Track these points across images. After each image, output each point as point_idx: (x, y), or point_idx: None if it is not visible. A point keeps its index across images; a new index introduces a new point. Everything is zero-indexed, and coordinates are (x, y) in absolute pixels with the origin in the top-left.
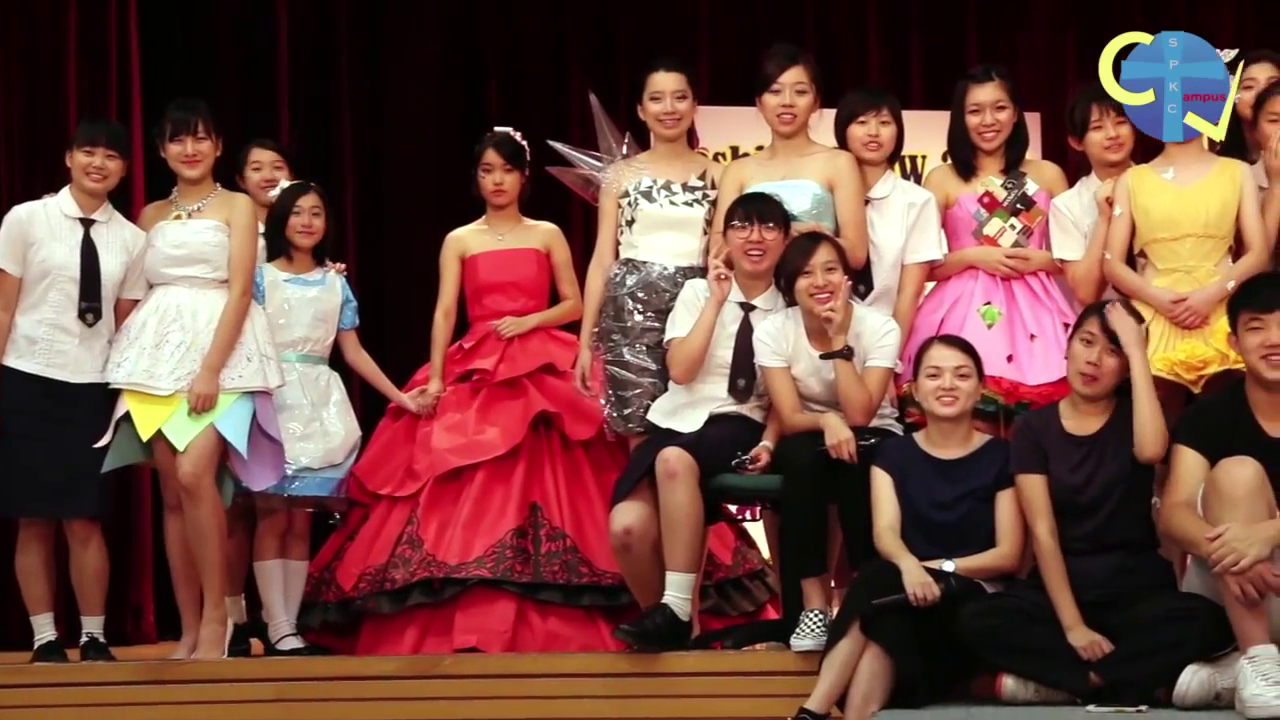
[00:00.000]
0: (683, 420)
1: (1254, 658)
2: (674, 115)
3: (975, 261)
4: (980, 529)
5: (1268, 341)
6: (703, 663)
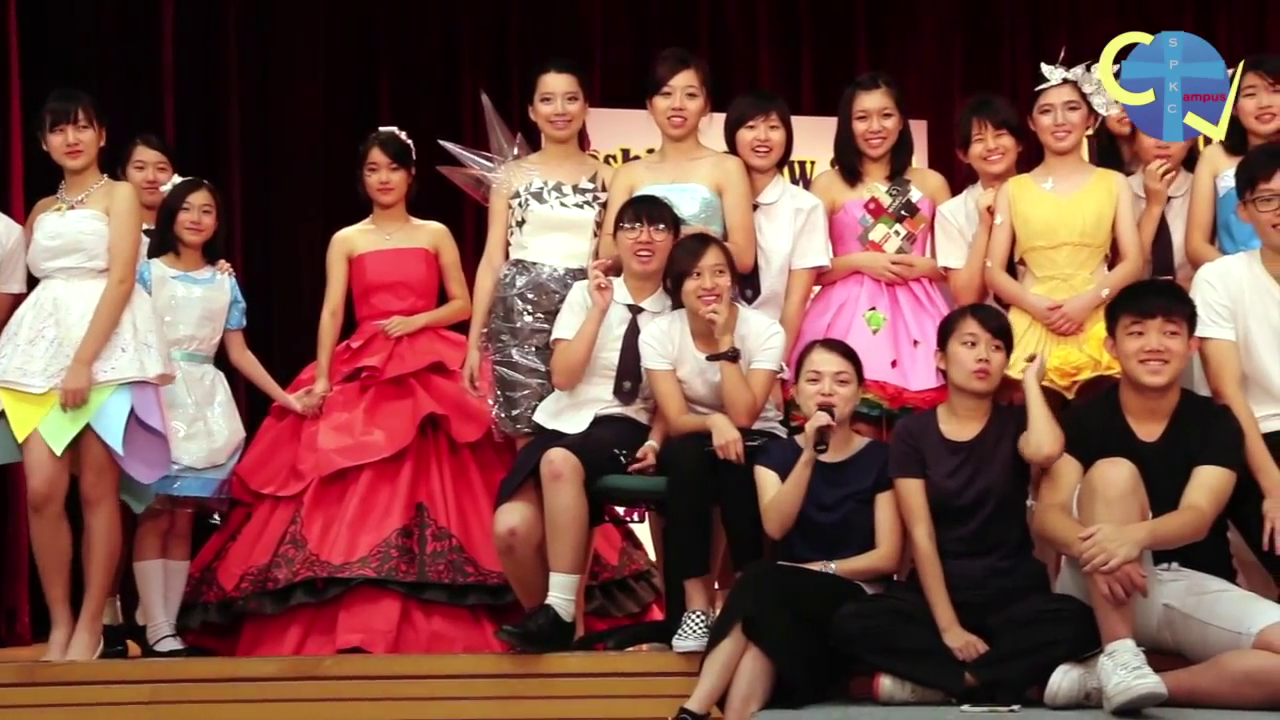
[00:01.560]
0: (568, 421)
1: (1113, 652)
2: (565, 117)
3: (861, 267)
4: (861, 530)
5: (1147, 347)
6: (585, 664)
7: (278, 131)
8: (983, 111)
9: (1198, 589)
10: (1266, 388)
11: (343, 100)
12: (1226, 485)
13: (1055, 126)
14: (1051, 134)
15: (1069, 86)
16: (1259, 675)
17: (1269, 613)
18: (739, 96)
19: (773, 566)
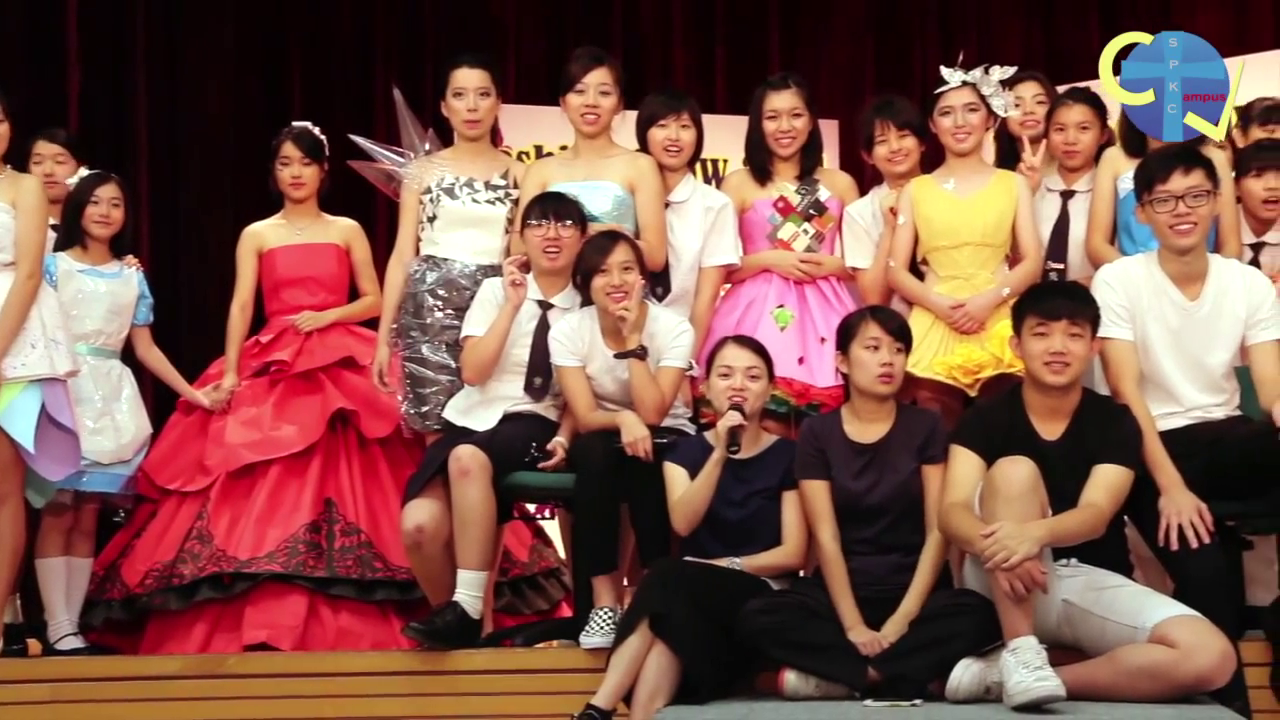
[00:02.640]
0: (477, 418)
1: (1015, 649)
2: (476, 113)
3: (769, 265)
4: (767, 527)
5: (1051, 349)
6: (492, 660)
7: (187, 125)
8: (885, 113)
9: (1096, 585)
10: (1164, 387)
11: (254, 94)
12: (1125, 483)
13: (955, 128)
14: (952, 135)
15: (968, 89)
16: (1154, 669)
17: (1164, 608)
18: (651, 95)
19: (680, 563)
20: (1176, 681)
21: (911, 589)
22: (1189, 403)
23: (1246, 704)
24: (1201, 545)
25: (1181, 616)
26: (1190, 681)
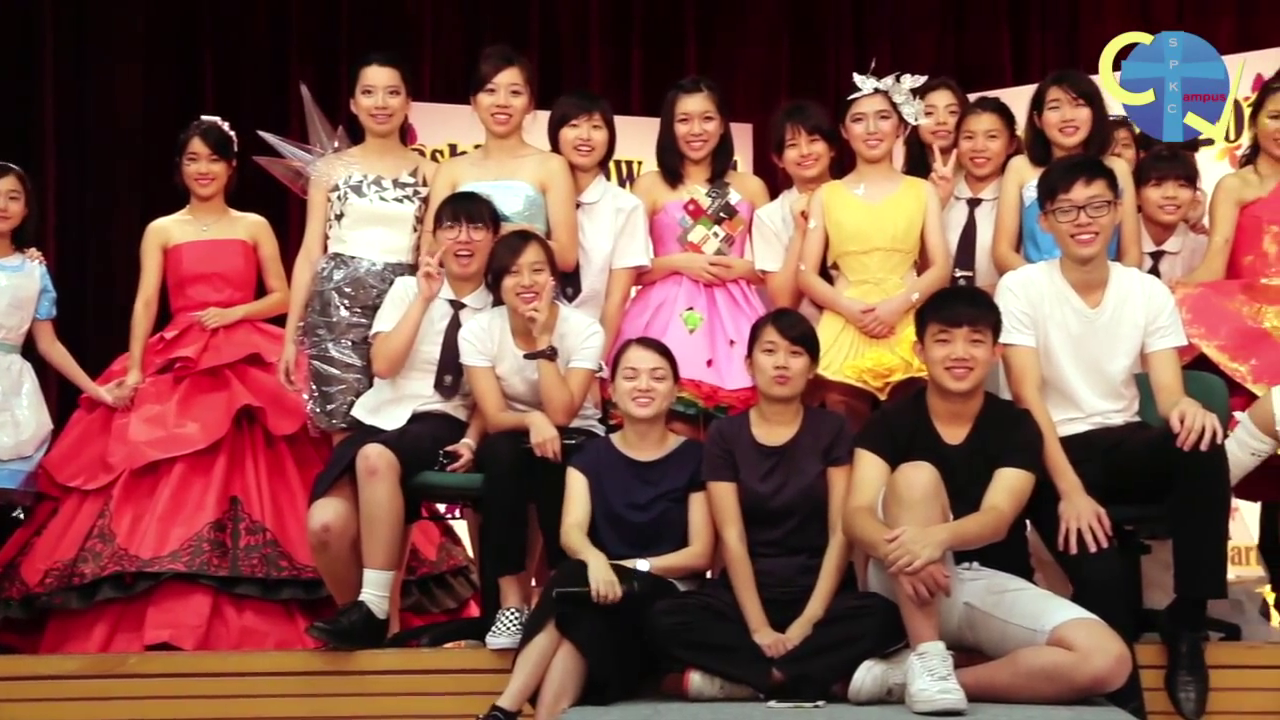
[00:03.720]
0: (386, 417)
1: (923, 654)
2: (386, 110)
3: (679, 267)
4: (674, 528)
5: (953, 355)
6: (397, 660)
7: (95, 118)
8: (796, 117)
9: (997, 588)
10: (1065, 393)
11: (164, 88)
12: (1026, 487)
13: (867, 135)
14: (863, 142)
15: (880, 96)
16: (1052, 671)
17: (1063, 610)
18: (563, 96)
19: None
20: (1074, 683)
21: (816, 591)
22: (1089, 408)
23: (1141, 705)
24: (1100, 549)
25: (1079, 620)
26: (1087, 683)
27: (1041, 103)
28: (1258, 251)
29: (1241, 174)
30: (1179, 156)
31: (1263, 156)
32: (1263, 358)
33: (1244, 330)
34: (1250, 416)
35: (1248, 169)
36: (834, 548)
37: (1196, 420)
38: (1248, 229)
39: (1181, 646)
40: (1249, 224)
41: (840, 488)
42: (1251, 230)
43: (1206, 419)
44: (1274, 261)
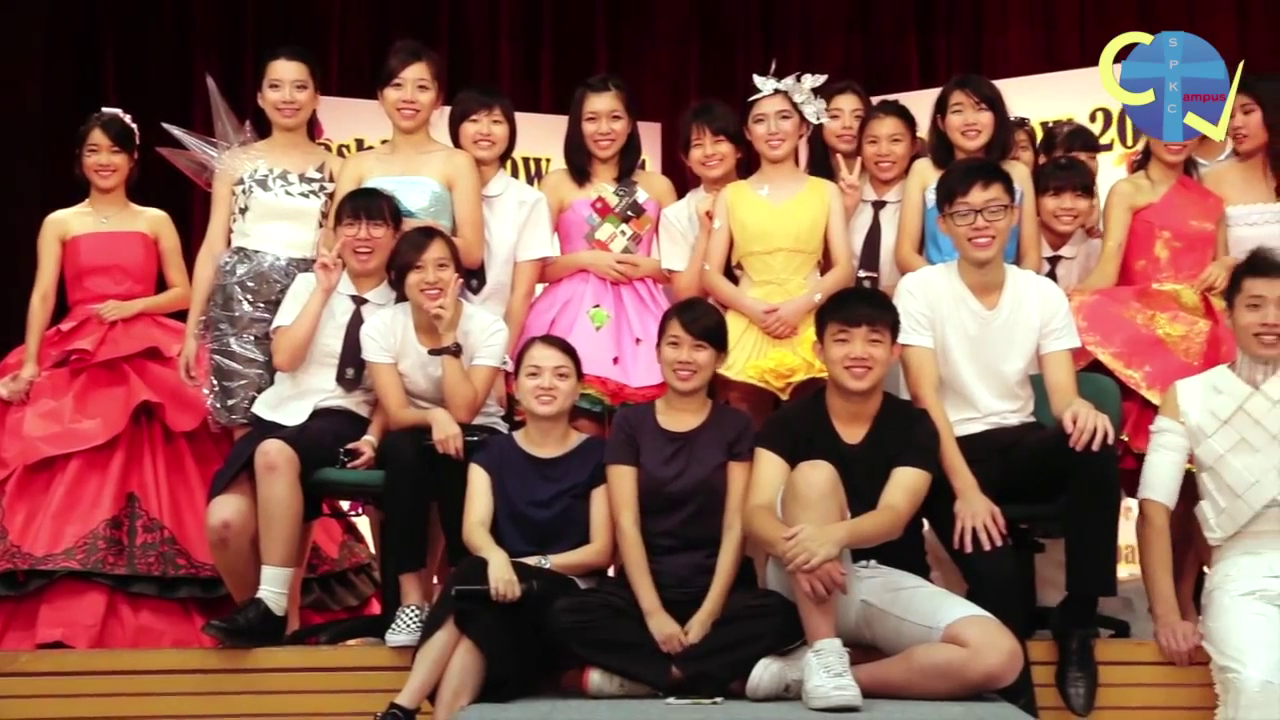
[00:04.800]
0: (287, 413)
1: (819, 651)
2: (292, 104)
3: (586, 265)
4: (576, 526)
5: (851, 354)
6: (295, 658)
7: None
8: (702, 117)
9: (893, 585)
10: (962, 393)
11: (65, 78)
12: (922, 486)
13: (769, 135)
14: (765, 142)
15: (780, 96)
16: (945, 667)
17: (957, 608)
18: (463, 90)
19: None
20: (967, 680)
21: (712, 587)
22: (986, 409)
23: (1032, 701)
24: (994, 548)
25: (972, 617)
26: (979, 680)
27: (945, 106)
28: (1149, 256)
29: (1134, 179)
30: (1077, 166)
31: (1154, 162)
32: (1156, 364)
33: (1138, 337)
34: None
35: (1140, 174)
36: (729, 542)
37: (1088, 421)
38: (1140, 234)
39: (1072, 643)
40: (1141, 229)
41: (740, 483)
42: (1144, 235)
43: (1098, 420)
44: (1165, 266)
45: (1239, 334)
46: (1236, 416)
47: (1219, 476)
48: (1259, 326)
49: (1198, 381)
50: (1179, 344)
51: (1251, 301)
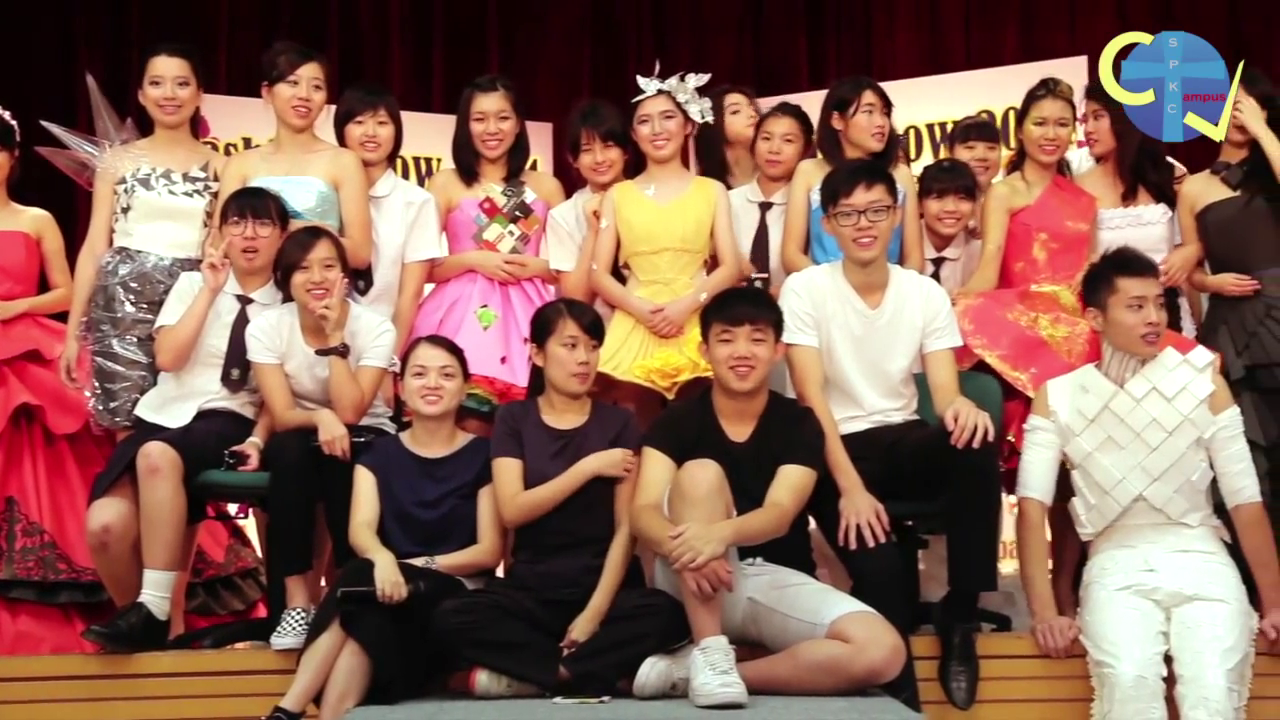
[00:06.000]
0: (171, 415)
1: (705, 648)
2: (174, 101)
3: (474, 265)
4: (463, 526)
5: (735, 353)
6: (178, 663)
7: None
8: (591, 121)
9: (779, 583)
10: (847, 392)
11: None
12: (807, 483)
13: (653, 135)
14: (650, 143)
15: (664, 97)
16: (829, 663)
17: (841, 604)
18: (349, 90)
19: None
20: (851, 675)
21: (600, 586)
22: (870, 407)
23: (915, 695)
24: (878, 544)
25: (856, 613)
26: (863, 674)
27: (852, 105)
28: (1028, 258)
29: (1010, 181)
30: (959, 169)
31: (1029, 163)
32: (1041, 366)
33: (1023, 339)
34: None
35: (1015, 176)
36: (618, 542)
37: (969, 419)
38: (1018, 236)
39: (954, 637)
40: (1019, 231)
41: (626, 481)
42: (1021, 237)
43: (979, 418)
44: (1043, 268)
45: (1117, 332)
46: (1103, 415)
47: (1088, 474)
48: (1144, 327)
49: (1066, 381)
50: (1062, 345)
51: (1133, 302)
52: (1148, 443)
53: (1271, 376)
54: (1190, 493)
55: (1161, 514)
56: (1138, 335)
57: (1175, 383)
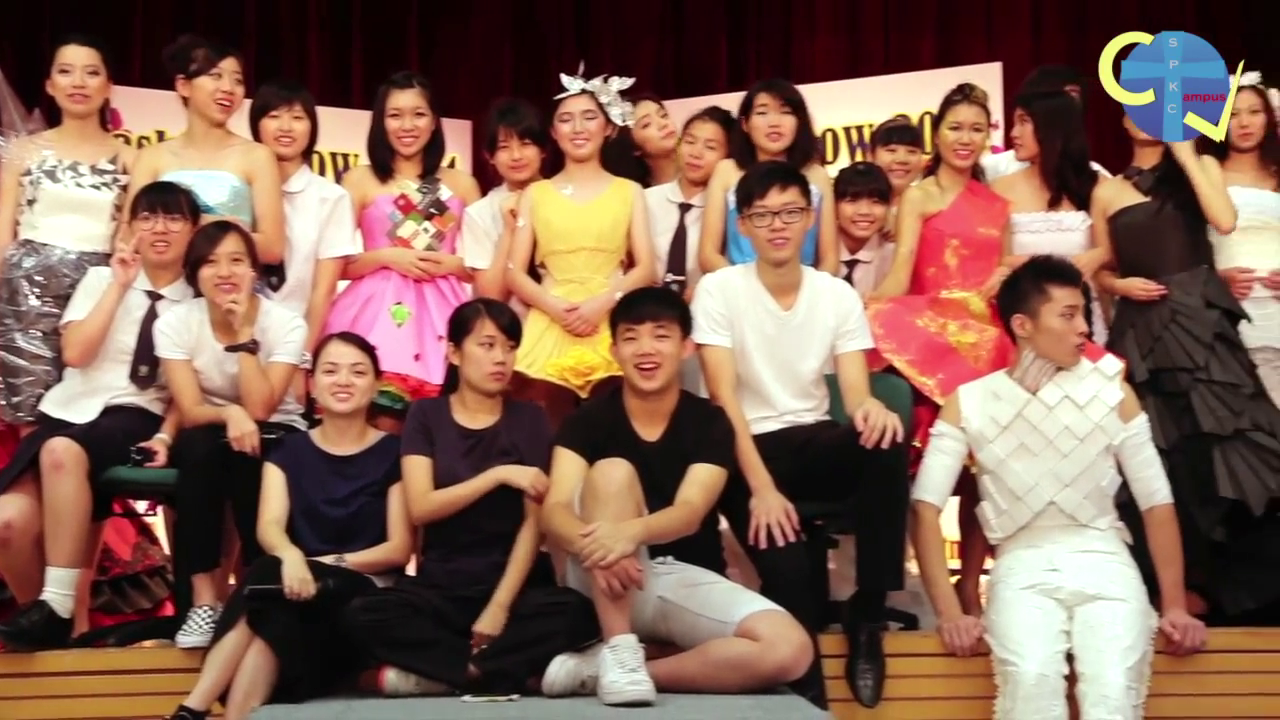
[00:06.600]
0: (77, 410)
1: (614, 647)
2: (83, 91)
3: (389, 262)
4: (373, 524)
5: (639, 351)
6: (81, 661)
7: None
8: (509, 119)
9: (690, 581)
10: (759, 392)
11: None
12: (718, 481)
13: (574, 134)
14: (570, 141)
15: (586, 96)
16: (738, 660)
17: (750, 603)
18: (264, 85)
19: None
20: (758, 672)
21: (504, 579)
22: (782, 407)
23: (822, 693)
24: (788, 544)
25: (764, 611)
26: (771, 672)
27: (750, 108)
28: (939, 264)
29: (924, 186)
30: (874, 172)
31: (944, 168)
32: (949, 371)
33: (932, 345)
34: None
35: (930, 181)
36: (524, 536)
37: (879, 420)
38: (930, 241)
39: (861, 636)
40: (931, 236)
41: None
42: (934, 243)
43: (888, 419)
44: (954, 274)
45: (1050, 341)
46: (1016, 422)
47: (1000, 480)
48: (1077, 336)
49: (978, 387)
50: (970, 352)
51: (1066, 311)
52: (1059, 450)
53: (1174, 381)
54: (1099, 498)
55: (1071, 518)
56: (1071, 344)
57: (1087, 390)
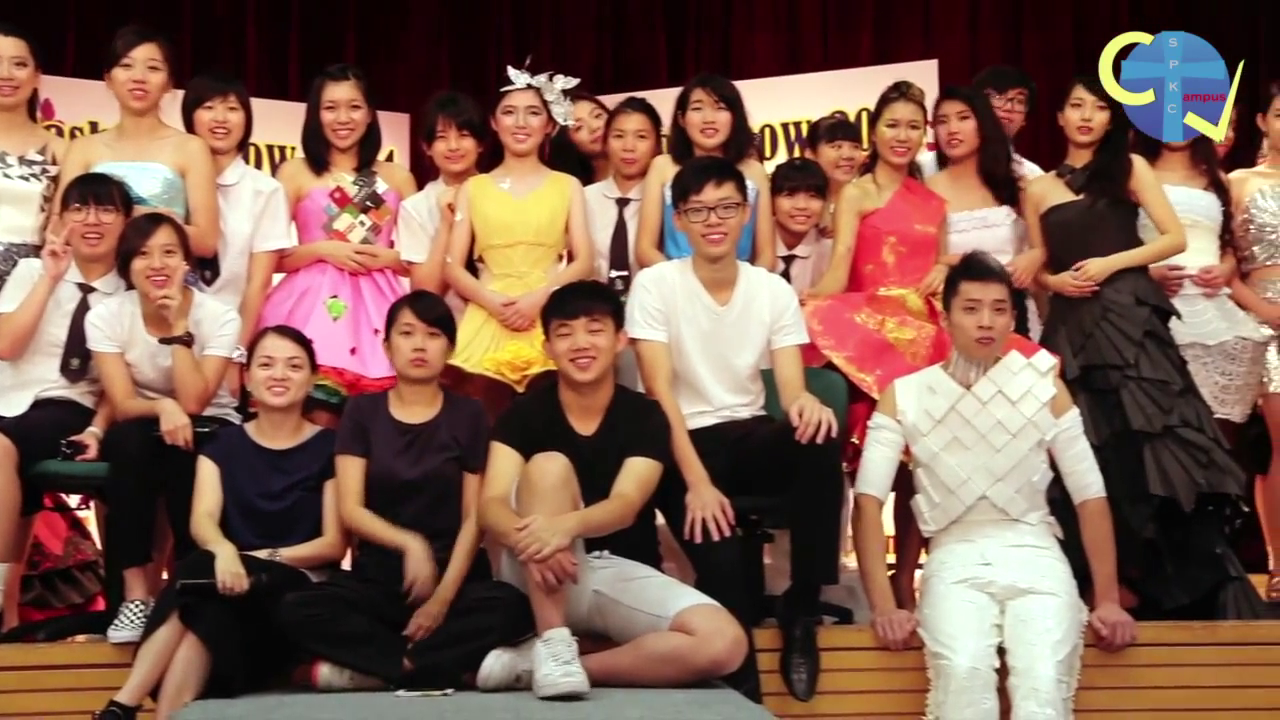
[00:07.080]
0: (7, 404)
1: (548, 640)
2: (11, 82)
3: (324, 255)
4: (308, 518)
5: (575, 345)
6: (10, 656)
7: None
8: (449, 110)
9: (625, 575)
10: (695, 387)
11: None
12: (653, 475)
13: (516, 128)
14: (512, 135)
15: (532, 92)
16: (672, 654)
17: (685, 597)
18: (197, 76)
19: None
20: (693, 666)
21: (446, 575)
22: (718, 402)
23: (757, 686)
24: (723, 538)
25: (699, 605)
26: (705, 666)
27: (685, 103)
28: (877, 261)
29: (861, 183)
30: (810, 167)
31: (881, 165)
32: (886, 368)
33: (870, 341)
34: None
35: (867, 178)
36: (465, 533)
37: (813, 414)
38: (868, 239)
39: (795, 630)
40: (869, 234)
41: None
42: (871, 240)
43: (823, 414)
44: (892, 271)
45: (957, 335)
46: (949, 416)
47: (933, 473)
48: (976, 330)
49: (914, 381)
50: (907, 348)
51: (968, 305)
52: (992, 444)
53: (1104, 377)
54: (1030, 493)
55: (1003, 513)
56: (971, 337)
57: (1019, 386)
